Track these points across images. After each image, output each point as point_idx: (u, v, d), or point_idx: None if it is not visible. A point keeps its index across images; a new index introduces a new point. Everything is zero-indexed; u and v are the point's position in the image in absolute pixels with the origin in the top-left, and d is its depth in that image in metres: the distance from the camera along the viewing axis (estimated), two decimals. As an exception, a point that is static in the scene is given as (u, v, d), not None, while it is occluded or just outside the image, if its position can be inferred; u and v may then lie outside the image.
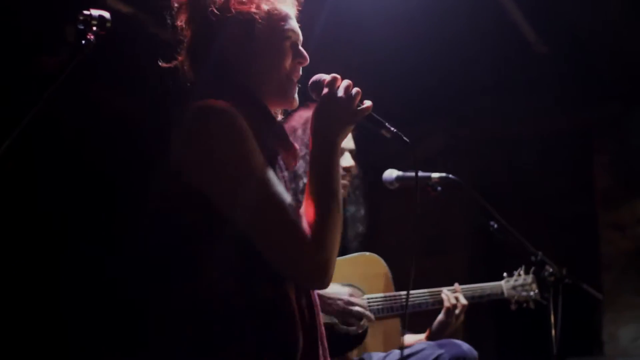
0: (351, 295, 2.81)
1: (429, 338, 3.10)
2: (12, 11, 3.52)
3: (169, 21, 2.00)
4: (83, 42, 1.78)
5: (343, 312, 2.78)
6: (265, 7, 1.91)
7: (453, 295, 3.11)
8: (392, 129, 1.96)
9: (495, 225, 3.09)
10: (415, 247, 2.21)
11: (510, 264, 3.43)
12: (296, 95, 1.98)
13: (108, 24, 1.82)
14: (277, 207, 1.73)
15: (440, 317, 3.10)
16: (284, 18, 1.94)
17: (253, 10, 1.89)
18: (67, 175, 3.97)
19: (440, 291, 3.12)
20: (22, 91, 3.29)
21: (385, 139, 1.98)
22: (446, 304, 3.09)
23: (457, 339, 2.90)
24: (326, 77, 1.89)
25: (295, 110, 2.18)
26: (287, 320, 1.75)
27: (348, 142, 3.11)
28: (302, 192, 2.98)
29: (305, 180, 3.00)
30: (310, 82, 1.94)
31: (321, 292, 2.75)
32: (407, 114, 5.90)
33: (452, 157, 6.03)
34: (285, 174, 2.00)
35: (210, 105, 1.76)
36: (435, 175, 2.95)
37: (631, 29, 4.88)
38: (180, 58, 1.97)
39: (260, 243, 1.72)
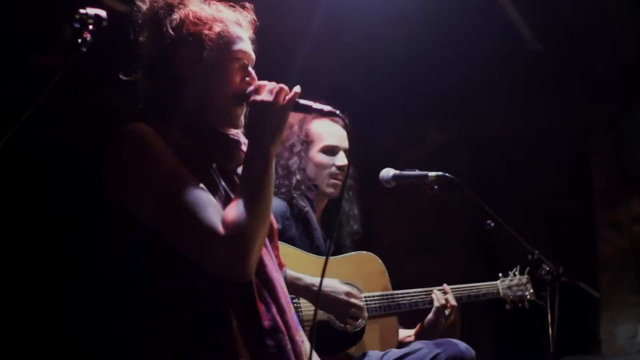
0: (349, 293, 2.82)
1: (418, 334, 3.11)
2: (7, 9, 3.52)
3: (131, 36, 2.07)
4: (79, 40, 1.77)
5: (341, 308, 2.78)
6: (216, 28, 2.00)
7: (443, 297, 3.12)
8: (320, 107, 2.02)
9: (492, 224, 3.09)
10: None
11: (506, 263, 3.44)
12: (241, 116, 2.05)
13: (104, 23, 1.81)
14: (181, 206, 1.80)
15: (430, 317, 3.10)
16: (234, 40, 2.03)
17: (204, 31, 1.99)
18: (62, 174, 3.97)
19: (432, 291, 3.14)
20: (18, 90, 3.29)
21: (380, 138, 1.99)
22: (436, 304, 3.09)
23: (455, 337, 2.91)
24: (251, 88, 1.99)
25: None
26: (216, 313, 1.83)
27: (342, 141, 3.11)
28: (295, 188, 3.01)
29: (297, 176, 3.01)
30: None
31: (323, 287, 2.76)
32: (404, 112, 5.91)
33: (449, 155, 6.04)
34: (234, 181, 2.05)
35: (122, 129, 1.89)
36: (432, 173, 2.95)
37: (629, 28, 4.88)
38: (139, 74, 2.06)
39: (177, 242, 1.81)
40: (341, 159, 3.09)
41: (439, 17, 4.63)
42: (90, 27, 1.78)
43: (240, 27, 2.07)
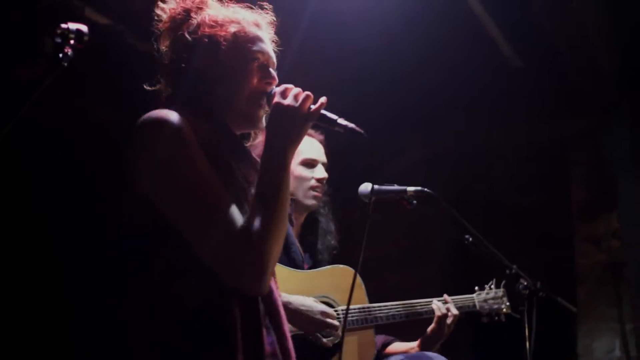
0: (324, 313, 2.82)
1: (421, 347, 3.13)
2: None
3: (154, 47, 2.07)
4: (60, 55, 1.78)
5: (315, 328, 2.78)
6: (232, 29, 1.99)
7: (444, 306, 3.15)
8: (345, 124, 1.97)
9: (470, 239, 3.11)
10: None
11: (484, 277, 3.47)
12: (261, 116, 2.02)
13: (85, 38, 1.83)
14: (211, 209, 1.76)
15: (432, 326, 3.14)
16: (252, 40, 2.01)
17: (221, 33, 1.98)
18: (47, 185, 3.98)
19: (417, 303, 3.17)
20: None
21: (359, 152, 2.00)
22: (437, 313, 3.13)
23: (434, 351, 2.93)
24: (277, 89, 1.95)
25: None
26: (224, 326, 1.76)
27: (321, 155, 3.14)
28: None
29: None
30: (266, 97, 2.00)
31: (295, 304, 2.76)
32: (385, 126, 5.94)
33: (429, 169, 6.07)
34: (246, 185, 2.00)
35: (153, 114, 1.83)
36: (410, 189, 2.96)
37: (607, 42, 4.94)
38: (162, 82, 2.04)
39: (196, 246, 1.75)
40: (320, 172, 3.12)
41: (421, 34, 4.67)
42: (72, 42, 1.80)
43: (258, 27, 2.05)
